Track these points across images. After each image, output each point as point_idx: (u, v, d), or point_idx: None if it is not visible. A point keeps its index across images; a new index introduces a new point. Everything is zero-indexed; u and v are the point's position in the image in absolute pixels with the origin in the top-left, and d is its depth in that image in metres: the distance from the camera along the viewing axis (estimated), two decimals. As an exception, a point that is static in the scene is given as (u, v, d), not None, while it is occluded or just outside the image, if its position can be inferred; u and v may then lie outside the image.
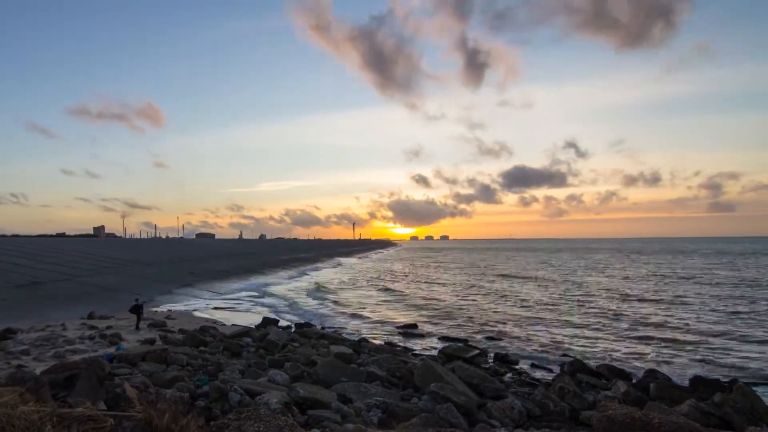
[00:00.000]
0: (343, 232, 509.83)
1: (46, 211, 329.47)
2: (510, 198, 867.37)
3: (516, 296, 35.65)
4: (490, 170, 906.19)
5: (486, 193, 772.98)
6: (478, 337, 21.23)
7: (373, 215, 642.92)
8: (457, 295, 36.83)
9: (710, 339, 20.31)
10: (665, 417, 6.86)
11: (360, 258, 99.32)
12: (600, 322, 24.26)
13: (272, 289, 39.92)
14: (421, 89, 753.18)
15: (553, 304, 30.82)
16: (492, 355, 17.60)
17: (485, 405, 9.72)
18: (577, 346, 19.34)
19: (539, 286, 43.22)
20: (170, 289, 35.37)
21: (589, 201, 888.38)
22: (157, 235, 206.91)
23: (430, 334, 21.99)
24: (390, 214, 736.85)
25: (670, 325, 23.42)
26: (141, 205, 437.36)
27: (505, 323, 24.48)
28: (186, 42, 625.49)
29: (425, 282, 48.99)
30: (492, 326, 23.62)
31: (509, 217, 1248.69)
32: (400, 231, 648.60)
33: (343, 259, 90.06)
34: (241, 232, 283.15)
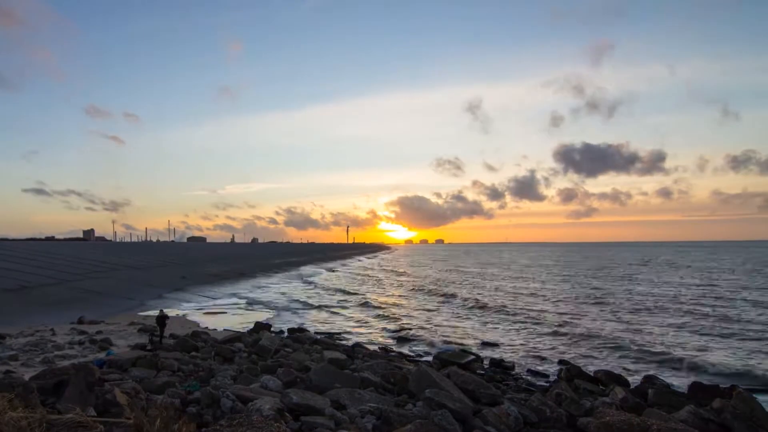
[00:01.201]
0: (342, 235, 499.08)
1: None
2: (550, 191, 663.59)
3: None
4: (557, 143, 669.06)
5: (525, 186, 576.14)
6: (474, 342, 21.14)
7: (376, 216, 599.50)
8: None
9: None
10: (663, 423, 6.85)
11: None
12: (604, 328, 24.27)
13: (268, 291, 39.62)
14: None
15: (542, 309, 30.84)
16: (488, 360, 17.54)
17: (481, 411, 9.63)
18: (574, 351, 19.33)
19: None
20: (161, 293, 35.01)
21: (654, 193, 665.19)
22: (148, 238, 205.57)
23: (424, 340, 21.87)
24: (394, 215, 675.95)
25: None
26: (106, 201, 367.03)
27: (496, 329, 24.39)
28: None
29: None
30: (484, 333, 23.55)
31: (526, 219, 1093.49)
32: (403, 233, 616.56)
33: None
34: (233, 236, 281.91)
